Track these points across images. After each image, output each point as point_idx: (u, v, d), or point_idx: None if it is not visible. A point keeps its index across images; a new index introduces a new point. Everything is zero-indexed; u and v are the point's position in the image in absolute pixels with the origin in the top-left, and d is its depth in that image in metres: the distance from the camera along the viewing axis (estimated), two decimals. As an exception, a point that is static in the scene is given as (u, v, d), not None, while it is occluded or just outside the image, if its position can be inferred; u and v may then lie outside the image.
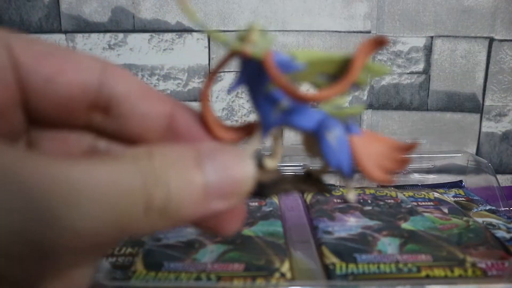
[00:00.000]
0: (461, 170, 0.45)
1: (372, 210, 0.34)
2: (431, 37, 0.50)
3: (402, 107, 0.52)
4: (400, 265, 0.25)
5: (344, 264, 0.25)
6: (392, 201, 0.36)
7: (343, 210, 0.33)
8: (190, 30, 0.49)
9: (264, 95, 0.14)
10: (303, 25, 0.50)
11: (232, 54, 0.14)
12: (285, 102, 0.14)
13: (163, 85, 0.50)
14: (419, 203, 0.36)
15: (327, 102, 0.14)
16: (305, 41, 0.50)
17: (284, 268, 0.25)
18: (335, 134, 0.14)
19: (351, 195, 0.16)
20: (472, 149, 0.53)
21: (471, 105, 0.52)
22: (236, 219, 0.16)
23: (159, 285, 0.24)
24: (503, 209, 0.37)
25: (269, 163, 0.15)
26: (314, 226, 0.31)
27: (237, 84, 0.14)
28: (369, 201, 0.35)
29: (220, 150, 0.13)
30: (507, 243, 0.28)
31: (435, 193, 0.38)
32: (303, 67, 0.13)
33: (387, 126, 0.52)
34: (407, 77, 0.51)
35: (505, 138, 0.53)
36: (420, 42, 0.50)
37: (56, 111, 0.14)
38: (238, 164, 0.13)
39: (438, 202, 0.36)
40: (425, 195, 0.38)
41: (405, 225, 0.30)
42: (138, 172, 0.11)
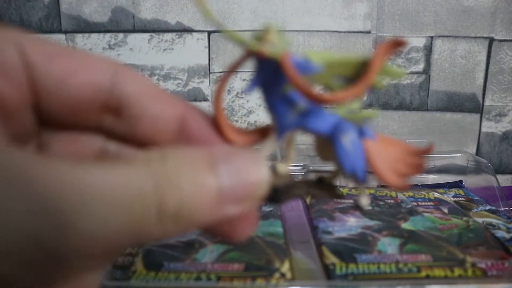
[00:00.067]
0: (461, 170, 0.45)
1: (372, 210, 0.33)
2: (431, 37, 0.50)
3: (402, 107, 0.52)
4: (400, 265, 0.25)
5: (344, 264, 0.25)
6: (392, 201, 0.36)
7: (343, 210, 0.33)
8: (190, 30, 0.49)
9: (281, 96, 0.14)
10: (303, 25, 0.50)
11: (248, 55, 0.13)
12: (302, 104, 0.14)
13: (163, 85, 0.50)
14: (419, 203, 0.36)
15: (341, 106, 0.14)
16: (305, 41, 0.50)
17: (284, 268, 0.25)
18: (350, 138, 0.14)
19: (364, 200, 0.16)
20: (472, 149, 0.53)
21: (471, 105, 0.52)
22: (249, 225, 0.15)
23: (159, 285, 0.24)
24: (503, 209, 0.37)
25: (282, 168, 0.15)
26: (314, 226, 0.31)
27: (253, 85, 0.14)
28: (369, 201, 0.35)
29: (234, 154, 0.13)
30: (507, 243, 0.28)
31: (435, 193, 0.38)
32: (319, 68, 0.13)
33: (387, 126, 0.52)
34: (407, 77, 0.51)
35: (505, 138, 0.53)
36: (420, 42, 0.50)
37: (67, 112, 0.13)
38: (253, 168, 0.13)
39: (438, 202, 0.36)
40: (425, 195, 0.38)
41: (405, 225, 0.30)
42: (150, 175, 0.11)
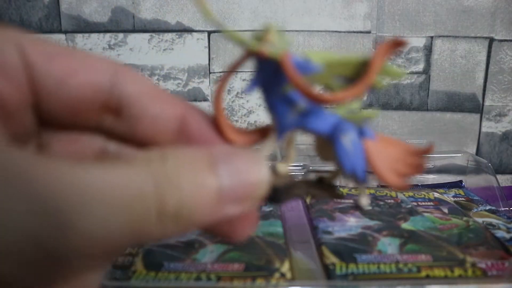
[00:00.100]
0: (461, 170, 0.45)
1: (372, 210, 0.33)
2: (431, 37, 0.50)
3: (402, 107, 0.52)
4: (400, 265, 0.25)
5: (344, 264, 0.25)
6: (392, 201, 0.36)
7: (343, 210, 0.33)
8: (190, 30, 0.49)
9: (281, 96, 0.14)
10: (303, 25, 0.50)
11: (248, 55, 0.13)
12: (302, 104, 0.14)
13: (163, 85, 0.50)
14: (419, 203, 0.36)
15: (341, 106, 0.14)
16: (305, 41, 0.50)
17: (284, 268, 0.25)
18: (350, 138, 0.14)
19: (364, 201, 0.16)
20: (472, 149, 0.53)
21: (471, 105, 0.52)
22: (249, 225, 0.15)
23: (159, 285, 0.24)
24: (503, 209, 0.37)
25: (282, 168, 0.15)
26: (314, 226, 0.31)
27: (253, 85, 0.14)
28: (369, 201, 0.35)
29: (234, 154, 0.13)
30: (507, 243, 0.28)
31: (435, 193, 0.38)
32: (319, 68, 0.13)
33: (387, 126, 0.52)
34: (407, 77, 0.51)
35: (505, 138, 0.53)
36: (420, 42, 0.50)
37: (67, 112, 0.13)
38: (253, 168, 0.13)
39: (438, 202, 0.36)
40: (425, 195, 0.38)
41: (405, 225, 0.30)
42: (151, 175, 0.11)
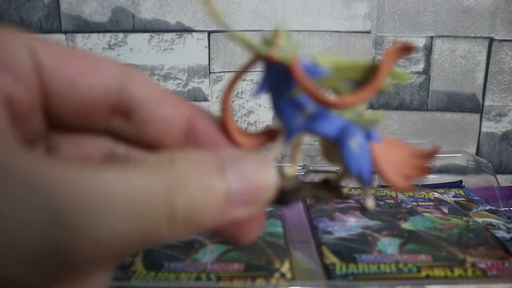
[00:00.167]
0: (461, 170, 0.45)
1: (372, 210, 0.33)
2: (431, 37, 0.50)
3: (402, 107, 0.52)
4: (400, 265, 0.25)
5: (344, 264, 0.25)
6: (392, 201, 0.36)
7: (343, 210, 0.33)
8: (190, 30, 0.49)
9: (289, 100, 0.14)
10: (303, 25, 0.50)
11: (257, 58, 0.13)
12: (310, 108, 0.14)
13: (163, 85, 0.50)
14: (419, 203, 0.36)
15: (348, 109, 0.14)
16: (305, 41, 0.50)
17: (284, 268, 0.25)
18: (358, 142, 0.14)
19: (369, 203, 0.16)
20: (472, 149, 0.53)
21: (471, 105, 0.52)
22: (256, 227, 0.15)
23: (159, 285, 0.24)
24: (503, 209, 0.37)
25: (288, 170, 0.15)
26: (314, 226, 0.31)
27: (261, 88, 0.14)
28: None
29: (242, 157, 0.13)
30: (507, 243, 0.28)
31: (435, 193, 0.38)
32: (328, 72, 0.13)
33: (387, 126, 0.52)
34: (407, 77, 0.51)
35: (505, 138, 0.53)
36: (420, 42, 0.50)
37: (76, 115, 0.13)
38: (261, 171, 0.13)
39: (438, 202, 0.36)
40: (425, 195, 0.38)
41: (405, 225, 0.30)
42: (160, 179, 0.11)
